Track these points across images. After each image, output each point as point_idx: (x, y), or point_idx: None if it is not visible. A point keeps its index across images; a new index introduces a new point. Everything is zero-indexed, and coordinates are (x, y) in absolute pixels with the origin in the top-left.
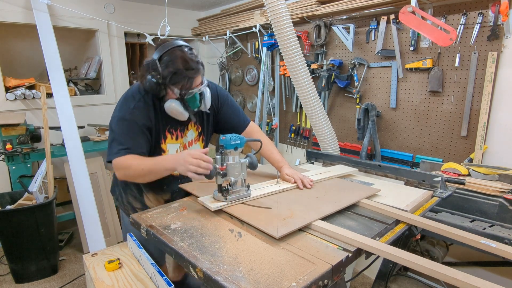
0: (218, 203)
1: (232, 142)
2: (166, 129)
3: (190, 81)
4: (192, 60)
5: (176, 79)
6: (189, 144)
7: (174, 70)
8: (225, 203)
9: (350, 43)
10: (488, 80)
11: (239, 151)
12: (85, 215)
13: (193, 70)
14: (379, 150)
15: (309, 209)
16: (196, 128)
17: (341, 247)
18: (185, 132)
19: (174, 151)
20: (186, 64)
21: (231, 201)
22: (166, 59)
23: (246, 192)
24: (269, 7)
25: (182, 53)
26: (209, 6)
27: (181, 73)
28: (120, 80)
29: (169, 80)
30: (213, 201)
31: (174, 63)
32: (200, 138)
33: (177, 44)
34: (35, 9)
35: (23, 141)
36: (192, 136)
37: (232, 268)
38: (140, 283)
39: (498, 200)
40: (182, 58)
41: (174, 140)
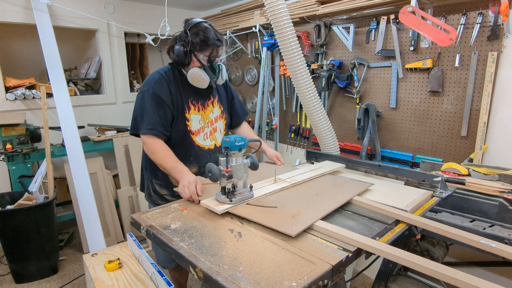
0: (224, 206)
1: (237, 143)
2: (189, 100)
3: (217, 50)
4: (217, 32)
5: (205, 47)
6: (215, 120)
7: (204, 38)
8: (231, 205)
9: (350, 43)
10: (488, 80)
11: (243, 152)
12: (85, 215)
13: (219, 41)
14: (379, 150)
15: (313, 206)
16: (219, 107)
17: (341, 247)
18: (206, 106)
19: (196, 121)
20: (213, 34)
21: (236, 202)
22: (195, 30)
23: (249, 193)
24: (269, 7)
25: (208, 26)
26: (209, 6)
27: (209, 41)
28: (120, 80)
29: (199, 47)
30: (217, 203)
31: (204, 32)
32: (223, 116)
33: (203, 20)
34: (35, 9)
35: (23, 141)
36: (217, 113)
37: (232, 268)
38: (140, 283)
39: (498, 200)
40: (209, 29)
41: (196, 112)
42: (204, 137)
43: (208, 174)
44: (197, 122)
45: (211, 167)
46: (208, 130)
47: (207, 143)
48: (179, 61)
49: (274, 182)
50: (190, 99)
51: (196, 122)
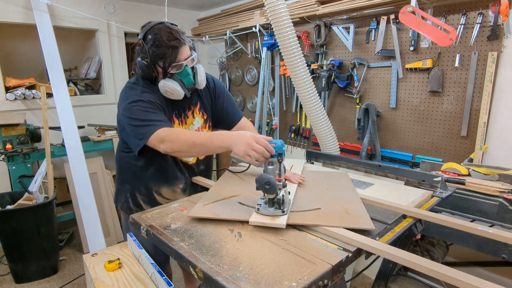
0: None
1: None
2: (174, 114)
3: (174, 52)
4: (174, 31)
5: (160, 52)
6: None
7: (157, 43)
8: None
9: (350, 43)
10: (488, 80)
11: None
12: (85, 215)
13: (177, 40)
14: (379, 150)
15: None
16: (201, 115)
17: (341, 247)
18: (188, 118)
19: None
20: (167, 35)
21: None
22: (149, 37)
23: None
24: (269, 7)
25: (163, 27)
26: (209, 6)
27: (164, 44)
28: (120, 80)
29: (154, 56)
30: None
31: (156, 37)
32: (207, 125)
33: (158, 22)
34: (35, 9)
35: (23, 141)
36: (198, 123)
37: (232, 268)
38: (140, 283)
39: (498, 200)
40: (163, 30)
41: (180, 126)
42: None
43: (265, 187)
44: None
45: (269, 179)
46: None
47: (190, 159)
48: (145, 76)
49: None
50: (174, 112)
51: None
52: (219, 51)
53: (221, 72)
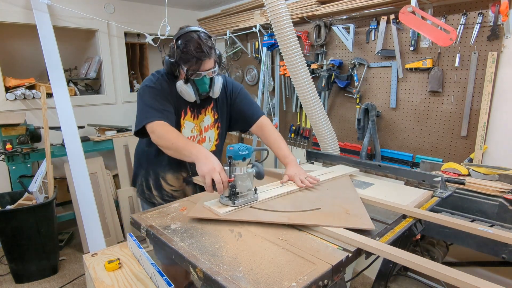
0: (226, 208)
1: (241, 152)
2: (188, 106)
3: (198, 63)
4: (203, 44)
5: (186, 58)
6: (205, 130)
7: (185, 49)
8: (234, 207)
9: (350, 43)
10: (488, 80)
11: (247, 161)
12: (85, 215)
13: (203, 53)
14: (379, 150)
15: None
16: (213, 115)
17: (341, 247)
18: (200, 115)
19: (189, 130)
20: (196, 46)
21: (239, 205)
22: (181, 41)
23: (253, 195)
24: (269, 7)
25: (195, 36)
26: (209, 6)
27: (190, 53)
28: (120, 80)
29: (179, 59)
30: (220, 206)
31: (186, 44)
32: (216, 125)
33: (194, 29)
34: (35, 9)
35: (23, 141)
36: (208, 121)
37: (232, 268)
38: (140, 283)
39: (498, 200)
40: (194, 40)
41: (191, 119)
42: None
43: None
44: (189, 130)
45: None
46: (197, 140)
47: None
48: (169, 72)
49: (282, 185)
50: (189, 105)
51: (188, 130)
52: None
53: (221, 72)
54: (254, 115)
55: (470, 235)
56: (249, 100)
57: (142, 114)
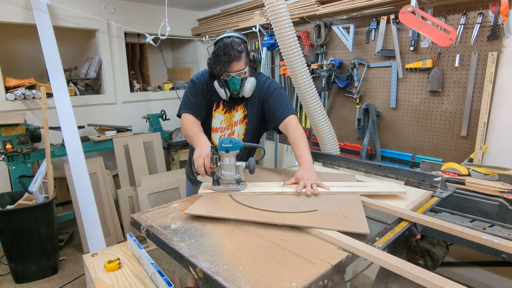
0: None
1: (223, 145)
2: (221, 101)
3: (225, 65)
4: (232, 48)
5: (216, 61)
6: (235, 124)
7: (217, 53)
8: (211, 191)
9: (350, 43)
10: (488, 80)
11: (232, 153)
12: (85, 215)
13: (229, 56)
14: (379, 150)
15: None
16: (243, 111)
17: (341, 247)
18: (232, 110)
19: (218, 120)
20: (225, 49)
21: (218, 190)
22: (217, 45)
23: (236, 186)
24: (269, 7)
25: (227, 41)
26: (209, 6)
27: (220, 56)
28: (120, 80)
29: (214, 61)
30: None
31: (218, 48)
32: (244, 121)
33: (229, 35)
34: (35, 9)
35: (23, 141)
36: (238, 117)
37: (232, 268)
38: (140, 283)
39: (498, 200)
40: (225, 44)
41: (222, 112)
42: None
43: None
44: (218, 121)
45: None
46: (227, 132)
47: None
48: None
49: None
50: (222, 99)
51: (217, 121)
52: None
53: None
54: (282, 114)
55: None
56: (281, 99)
57: (182, 103)
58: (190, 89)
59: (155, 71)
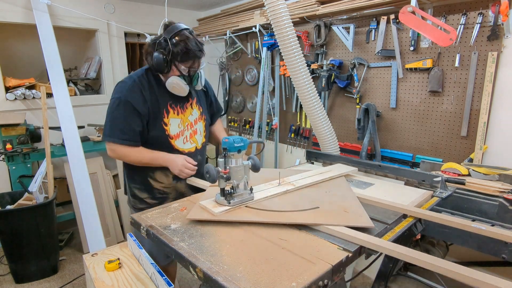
0: (222, 208)
1: (236, 144)
2: (168, 104)
3: (196, 61)
4: (200, 43)
5: (186, 58)
6: (195, 122)
7: (186, 49)
8: (229, 207)
9: (350, 43)
10: (488, 80)
11: (242, 153)
12: (85, 215)
13: (201, 52)
14: (379, 150)
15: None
16: (198, 108)
17: (341, 247)
18: (185, 109)
19: (175, 126)
20: (195, 45)
21: (234, 204)
22: (177, 39)
23: (249, 195)
24: (269, 7)
25: (191, 36)
26: (209, 6)
27: (191, 53)
28: (120, 80)
29: (180, 58)
30: (216, 205)
31: (186, 43)
32: (202, 117)
33: (185, 27)
34: (35, 9)
35: (23, 141)
36: (196, 115)
37: (232, 268)
38: (140, 283)
39: (498, 200)
40: (193, 40)
41: (175, 115)
42: (184, 140)
43: (206, 175)
44: (176, 126)
45: (209, 168)
46: (188, 133)
47: (187, 147)
48: (158, 69)
49: (279, 185)
50: (168, 102)
51: (175, 126)
52: (219, 51)
53: (221, 72)
54: (219, 112)
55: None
56: (216, 97)
57: (107, 129)
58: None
59: None
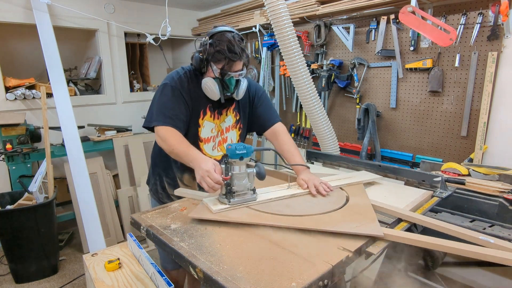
0: (221, 206)
1: (238, 151)
2: (208, 106)
3: (230, 63)
4: (237, 45)
5: (218, 58)
6: (227, 130)
7: (219, 49)
8: (228, 205)
9: (350, 43)
10: (488, 80)
11: (246, 161)
12: (85, 215)
13: (235, 54)
14: (379, 150)
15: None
16: (235, 115)
17: (341, 247)
18: (222, 115)
19: (209, 129)
20: (230, 46)
21: (235, 204)
22: (215, 38)
23: (251, 195)
24: (269, 7)
25: (229, 37)
26: (209, 6)
27: (223, 53)
28: (120, 80)
29: (212, 57)
30: (217, 203)
31: (220, 43)
32: (238, 126)
33: (228, 29)
34: (35, 9)
35: (23, 141)
36: (230, 122)
37: (232, 268)
38: (140, 283)
39: (498, 200)
40: (228, 40)
41: (211, 119)
42: (213, 147)
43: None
44: (209, 130)
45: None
46: (218, 140)
47: (214, 154)
48: (197, 68)
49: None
50: (209, 104)
51: (207, 130)
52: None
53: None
54: (270, 120)
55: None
56: (269, 104)
57: (153, 114)
58: (167, 95)
59: (155, 71)
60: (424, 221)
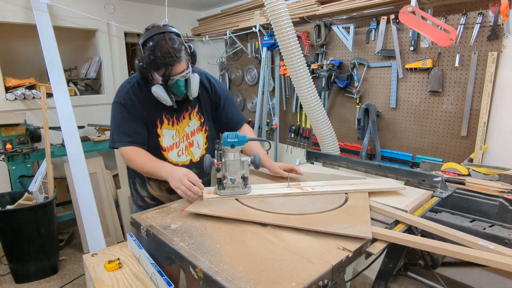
0: (211, 195)
1: (229, 139)
2: (163, 114)
3: (169, 69)
4: (173, 48)
5: (156, 66)
6: (192, 134)
7: (152, 57)
8: (216, 196)
9: (350, 43)
10: (488, 80)
11: (238, 149)
12: (85, 215)
13: (172, 58)
14: (379, 150)
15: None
16: (199, 118)
17: (341, 246)
18: (181, 120)
19: (169, 138)
20: (164, 50)
21: (224, 195)
22: (149, 45)
23: (242, 189)
24: (269, 7)
25: (163, 40)
26: (209, 6)
27: (160, 60)
28: (120, 80)
29: (149, 65)
30: (210, 192)
31: (154, 50)
32: (203, 129)
33: (161, 31)
34: (35, 9)
35: (23, 141)
36: (195, 126)
37: (232, 268)
38: (140, 283)
39: (498, 200)
40: (162, 45)
41: (170, 126)
42: (179, 153)
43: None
44: (169, 138)
45: (204, 158)
46: (184, 145)
47: (181, 159)
48: (142, 76)
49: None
50: (164, 112)
51: (168, 138)
52: (219, 51)
53: (221, 72)
54: (238, 123)
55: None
56: (236, 106)
57: (114, 135)
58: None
59: None
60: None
